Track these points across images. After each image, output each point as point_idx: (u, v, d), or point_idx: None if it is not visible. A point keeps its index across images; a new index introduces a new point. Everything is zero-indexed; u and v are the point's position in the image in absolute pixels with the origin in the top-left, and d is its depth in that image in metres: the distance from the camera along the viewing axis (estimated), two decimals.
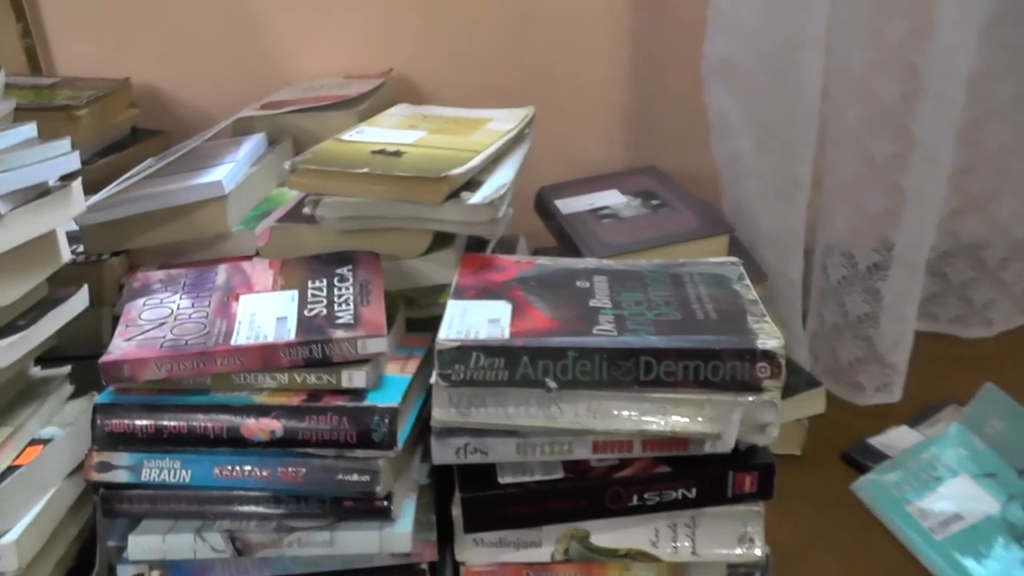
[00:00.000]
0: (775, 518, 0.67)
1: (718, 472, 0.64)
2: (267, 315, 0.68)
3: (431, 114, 0.93)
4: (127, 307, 0.71)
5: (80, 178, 0.73)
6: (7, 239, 0.65)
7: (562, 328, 0.64)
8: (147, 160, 0.91)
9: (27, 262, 0.69)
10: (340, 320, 0.66)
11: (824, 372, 1.01)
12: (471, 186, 0.74)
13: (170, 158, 0.90)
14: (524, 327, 0.64)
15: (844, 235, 0.99)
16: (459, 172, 0.73)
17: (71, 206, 0.72)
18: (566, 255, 0.81)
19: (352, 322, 0.66)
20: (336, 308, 0.68)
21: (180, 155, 0.91)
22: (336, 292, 0.70)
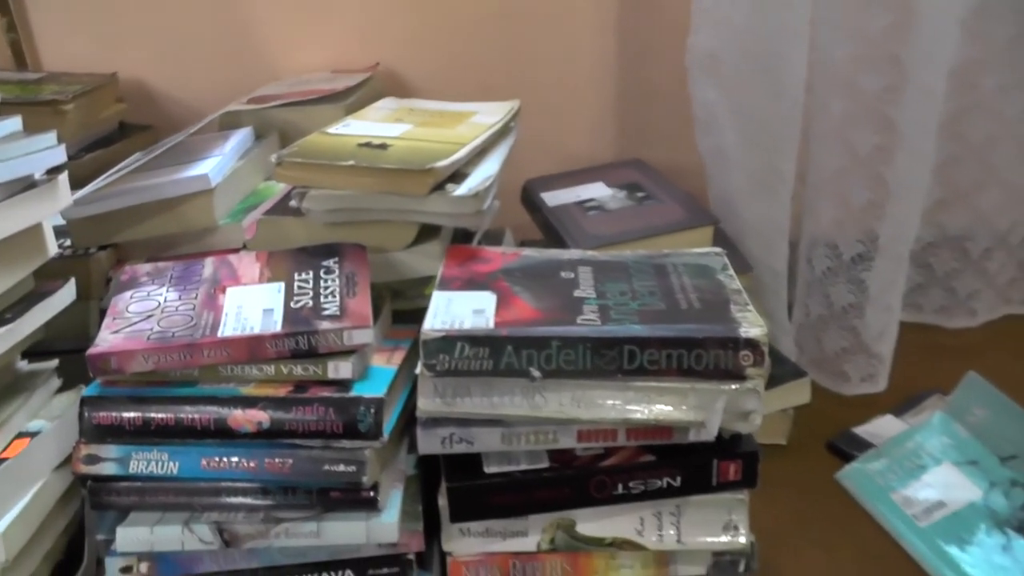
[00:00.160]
0: (760, 506, 0.68)
1: (702, 460, 0.65)
2: (254, 307, 0.68)
3: (417, 107, 0.93)
4: (114, 300, 0.71)
5: (66, 171, 0.73)
6: None
7: (546, 318, 0.64)
8: (134, 155, 0.91)
9: (13, 255, 0.69)
10: (326, 312, 0.67)
11: (810, 362, 1.02)
12: (456, 178, 0.75)
13: (157, 152, 0.90)
14: (509, 317, 0.64)
15: (829, 227, 0.99)
16: (444, 164, 0.73)
17: (57, 199, 0.72)
18: (552, 247, 0.81)
19: (338, 313, 0.66)
20: (322, 300, 0.68)
21: (167, 149, 0.91)
22: (322, 284, 0.70)
